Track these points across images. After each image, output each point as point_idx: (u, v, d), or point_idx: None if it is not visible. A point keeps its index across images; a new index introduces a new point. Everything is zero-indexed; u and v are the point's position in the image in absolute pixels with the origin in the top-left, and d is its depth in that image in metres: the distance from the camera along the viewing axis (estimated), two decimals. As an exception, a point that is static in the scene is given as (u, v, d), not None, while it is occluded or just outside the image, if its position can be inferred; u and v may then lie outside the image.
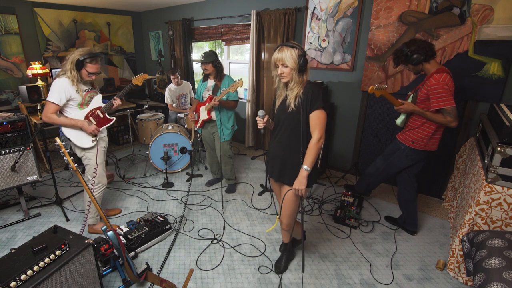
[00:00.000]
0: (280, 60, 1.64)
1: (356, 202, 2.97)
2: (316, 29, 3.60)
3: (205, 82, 3.12)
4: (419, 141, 2.30)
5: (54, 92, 2.20)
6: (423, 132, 2.27)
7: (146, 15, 6.03)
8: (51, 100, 2.20)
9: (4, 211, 2.92)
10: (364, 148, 3.63)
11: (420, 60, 2.13)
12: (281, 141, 1.81)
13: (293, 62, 1.62)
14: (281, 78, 1.70)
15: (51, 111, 2.22)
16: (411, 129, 2.33)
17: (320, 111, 1.68)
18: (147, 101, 4.48)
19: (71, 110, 2.32)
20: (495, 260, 1.50)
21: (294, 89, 1.69)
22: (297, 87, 1.68)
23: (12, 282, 1.33)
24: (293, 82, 1.68)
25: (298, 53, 1.62)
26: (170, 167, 3.78)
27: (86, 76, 2.29)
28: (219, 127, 3.05)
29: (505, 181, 1.84)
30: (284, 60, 1.62)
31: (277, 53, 1.65)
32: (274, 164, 1.88)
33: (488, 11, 2.54)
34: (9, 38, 4.50)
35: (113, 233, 1.81)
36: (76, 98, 2.29)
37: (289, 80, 1.69)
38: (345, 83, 3.58)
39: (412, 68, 2.24)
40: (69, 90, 2.24)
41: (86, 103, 2.37)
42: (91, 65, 2.26)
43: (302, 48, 1.64)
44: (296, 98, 1.69)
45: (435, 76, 2.09)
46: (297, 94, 1.68)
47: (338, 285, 2.07)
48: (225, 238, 2.56)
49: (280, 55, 1.63)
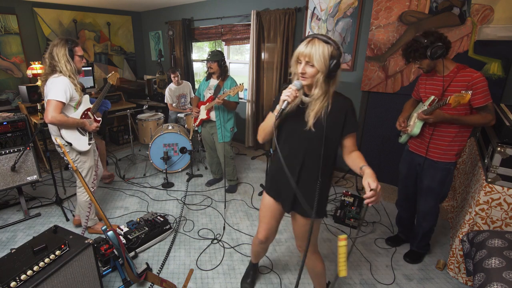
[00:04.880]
0: (306, 56, 1.24)
1: (356, 202, 2.97)
2: (316, 29, 3.60)
3: (207, 81, 3.12)
4: (461, 151, 1.98)
5: (59, 89, 2.06)
6: (461, 139, 1.93)
7: (146, 15, 6.02)
8: (56, 99, 2.04)
9: (4, 211, 2.92)
10: (364, 148, 3.63)
11: (442, 53, 1.78)
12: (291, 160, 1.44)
13: (322, 63, 1.22)
14: (302, 79, 1.30)
15: (57, 111, 2.06)
16: (448, 142, 1.94)
17: (355, 135, 1.39)
18: (147, 101, 4.48)
19: (67, 111, 2.23)
20: (495, 260, 1.50)
21: (317, 101, 1.31)
22: (321, 98, 1.31)
23: (12, 282, 1.34)
24: (317, 89, 1.29)
25: (332, 52, 1.23)
26: (170, 167, 3.78)
27: (79, 62, 2.21)
28: (219, 128, 3.05)
29: (505, 181, 1.84)
30: (311, 57, 1.23)
31: (304, 46, 1.24)
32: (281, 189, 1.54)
33: (488, 11, 2.54)
34: (9, 38, 4.50)
35: (113, 233, 1.81)
36: (75, 97, 2.21)
37: (311, 84, 1.30)
38: (345, 83, 3.58)
39: (427, 64, 1.87)
40: (71, 88, 2.15)
41: (80, 103, 2.30)
42: (78, 48, 2.18)
43: (340, 48, 1.26)
44: (317, 115, 1.32)
45: (470, 70, 1.82)
46: (319, 110, 1.31)
47: (338, 285, 2.06)
48: (225, 238, 2.56)
49: (308, 50, 1.23)
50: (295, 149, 1.43)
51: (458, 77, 1.84)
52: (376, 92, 3.36)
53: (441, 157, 1.98)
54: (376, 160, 3.56)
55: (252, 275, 2.05)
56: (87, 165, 2.37)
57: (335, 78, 1.30)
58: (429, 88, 2.01)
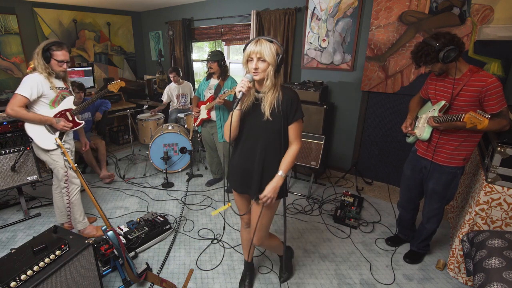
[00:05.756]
0: (257, 53, 1.42)
1: (356, 202, 2.97)
2: (316, 29, 3.60)
3: (208, 81, 3.12)
4: (469, 156, 1.92)
5: (26, 85, 2.09)
6: (469, 144, 1.87)
7: (146, 15, 6.02)
8: (20, 93, 2.08)
9: (4, 211, 2.92)
10: (364, 148, 3.63)
11: (456, 56, 1.69)
12: (253, 152, 1.59)
13: (272, 57, 1.41)
14: (254, 75, 1.47)
15: (19, 104, 2.08)
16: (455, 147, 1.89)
17: (300, 121, 1.56)
18: (147, 101, 4.48)
19: (40, 108, 2.21)
20: (495, 260, 1.50)
21: (269, 93, 1.49)
22: (272, 91, 1.49)
23: (12, 282, 1.34)
24: (268, 81, 1.46)
25: (277, 49, 1.43)
26: (170, 167, 3.78)
27: (56, 66, 2.16)
28: (219, 128, 3.05)
29: (505, 181, 1.84)
30: (262, 54, 1.41)
31: (254, 46, 1.43)
32: (243, 178, 1.67)
33: (488, 11, 2.54)
34: (9, 38, 4.50)
35: (113, 233, 1.81)
36: (48, 95, 2.19)
37: (263, 78, 1.47)
38: (345, 83, 3.58)
39: (439, 67, 1.79)
40: (42, 85, 2.13)
41: (58, 102, 2.27)
42: (58, 52, 2.12)
43: (282, 46, 1.48)
44: (271, 105, 1.49)
45: (483, 74, 1.73)
46: (272, 100, 1.49)
47: (338, 285, 2.07)
48: (225, 238, 2.56)
49: (258, 48, 1.42)
50: (256, 140, 1.58)
51: (471, 81, 1.75)
52: (376, 92, 3.36)
53: (447, 162, 1.93)
54: (376, 160, 3.57)
55: (249, 275, 2.04)
56: (61, 163, 2.30)
57: (280, 73, 1.50)
58: (439, 90, 1.92)
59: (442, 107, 1.86)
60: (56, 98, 2.25)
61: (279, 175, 1.53)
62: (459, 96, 1.80)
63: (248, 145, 1.61)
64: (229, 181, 1.77)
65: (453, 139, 1.89)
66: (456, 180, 1.98)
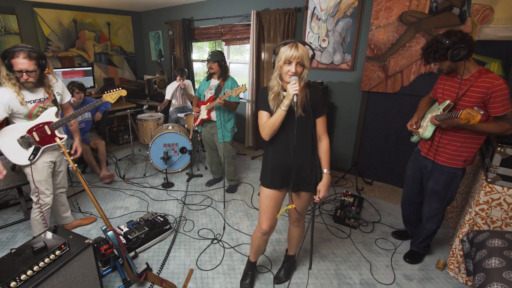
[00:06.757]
0: (297, 58, 1.45)
1: (356, 202, 2.97)
2: (316, 29, 3.61)
3: (208, 81, 3.12)
4: (471, 158, 1.92)
5: None
6: (471, 145, 1.87)
7: (146, 15, 6.03)
8: None
9: (4, 211, 2.92)
10: (364, 148, 3.63)
11: (465, 55, 1.68)
12: (289, 147, 1.64)
13: (309, 62, 1.49)
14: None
15: None
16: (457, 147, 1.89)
17: (325, 116, 1.67)
18: (147, 101, 4.48)
19: (16, 121, 2.03)
20: (495, 260, 1.50)
21: (301, 92, 1.55)
22: (303, 89, 1.56)
23: (12, 282, 1.34)
24: (302, 82, 1.54)
25: (309, 53, 1.52)
26: (170, 167, 3.78)
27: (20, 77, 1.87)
28: (219, 128, 3.05)
29: (505, 181, 1.84)
30: (302, 59, 1.45)
31: (295, 50, 1.45)
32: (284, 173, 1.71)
33: (488, 11, 2.54)
34: (9, 38, 4.50)
35: (113, 233, 1.82)
36: (20, 110, 1.96)
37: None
38: (345, 83, 3.58)
39: (447, 65, 1.79)
40: (11, 102, 1.90)
41: (36, 115, 2.05)
42: (14, 60, 1.82)
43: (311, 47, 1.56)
44: (302, 102, 1.57)
45: (491, 76, 1.72)
46: (303, 98, 1.56)
47: (338, 285, 2.07)
48: (225, 238, 2.56)
49: (298, 53, 1.44)
50: (290, 136, 1.62)
51: (478, 82, 1.74)
52: (376, 92, 3.36)
53: (448, 162, 1.93)
54: (376, 160, 3.57)
55: (251, 275, 2.04)
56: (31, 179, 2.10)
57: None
58: (447, 90, 1.92)
59: (447, 106, 1.87)
60: (31, 112, 2.02)
61: (326, 173, 1.65)
62: (464, 96, 1.79)
63: (284, 141, 1.67)
64: (265, 180, 1.77)
65: (455, 139, 1.89)
66: (456, 181, 1.98)
